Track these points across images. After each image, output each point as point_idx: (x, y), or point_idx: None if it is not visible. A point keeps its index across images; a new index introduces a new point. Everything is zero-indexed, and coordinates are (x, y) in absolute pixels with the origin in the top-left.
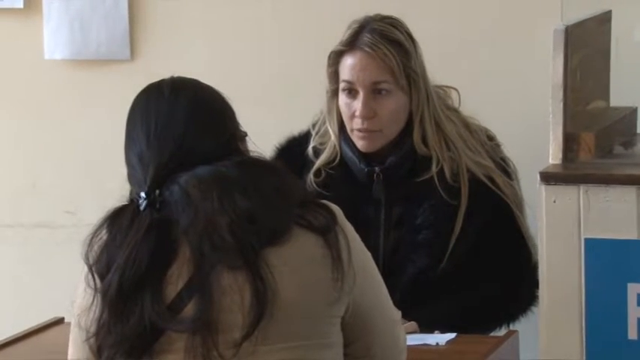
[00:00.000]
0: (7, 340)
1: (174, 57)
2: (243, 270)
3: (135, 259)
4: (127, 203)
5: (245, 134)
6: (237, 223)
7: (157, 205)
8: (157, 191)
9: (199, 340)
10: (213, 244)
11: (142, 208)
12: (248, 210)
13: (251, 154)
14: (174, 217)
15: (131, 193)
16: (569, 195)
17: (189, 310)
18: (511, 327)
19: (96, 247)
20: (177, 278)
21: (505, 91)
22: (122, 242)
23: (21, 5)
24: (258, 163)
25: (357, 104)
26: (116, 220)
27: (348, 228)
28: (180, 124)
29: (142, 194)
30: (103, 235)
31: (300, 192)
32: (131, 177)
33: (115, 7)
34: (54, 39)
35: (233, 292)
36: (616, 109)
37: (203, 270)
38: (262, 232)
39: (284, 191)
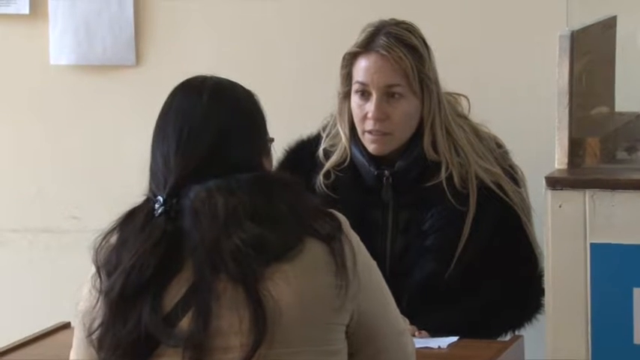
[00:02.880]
0: (12, 345)
1: (180, 62)
2: (243, 295)
3: (141, 266)
4: (141, 203)
5: (272, 140)
6: (242, 249)
7: (172, 214)
8: (175, 200)
9: (193, 355)
10: (214, 268)
11: (156, 213)
12: (256, 236)
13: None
14: (185, 231)
15: (150, 187)
16: (575, 200)
17: (184, 326)
18: (517, 332)
19: (105, 249)
20: (177, 292)
21: (511, 97)
22: (132, 245)
23: (27, 11)
24: (274, 179)
25: (370, 106)
26: (128, 221)
27: (354, 237)
28: (213, 135)
29: (160, 199)
30: (114, 236)
31: (313, 206)
32: (152, 170)
33: (121, 12)
34: (60, 44)
35: (231, 315)
36: (621, 114)
37: (201, 291)
38: (269, 253)
39: (298, 209)
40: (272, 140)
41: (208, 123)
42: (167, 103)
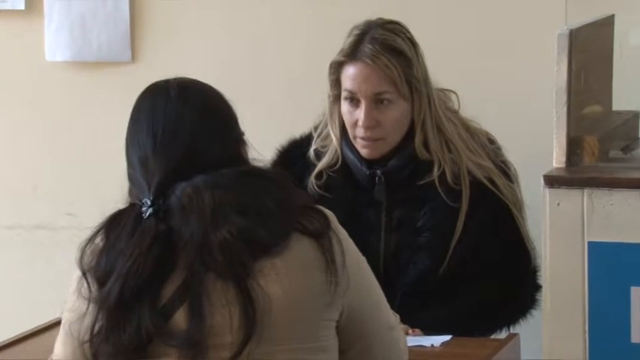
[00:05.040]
0: (8, 342)
1: (175, 59)
2: (233, 291)
3: (137, 270)
4: (125, 207)
5: (242, 133)
6: (230, 242)
7: (161, 215)
8: (161, 200)
9: (190, 355)
10: (204, 263)
11: (145, 216)
12: (243, 229)
13: (252, 158)
14: (175, 230)
15: (131, 194)
16: (573, 198)
17: (181, 325)
18: (512, 330)
19: (90, 253)
20: (171, 291)
21: (509, 95)
22: (124, 250)
23: (22, 7)
24: (260, 173)
25: (360, 113)
26: (114, 226)
27: (342, 233)
28: (188, 131)
29: (147, 201)
30: (99, 240)
31: (300, 200)
32: (132, 177)
33: (116, 9)
34: (55, 40)
35: (223, 311)
36: (619, 112)
37: (193, 289)
38: (257, 247)
39: (285, 203)
40: (242, 133)
41: (182, 121)
42: (135, 108)
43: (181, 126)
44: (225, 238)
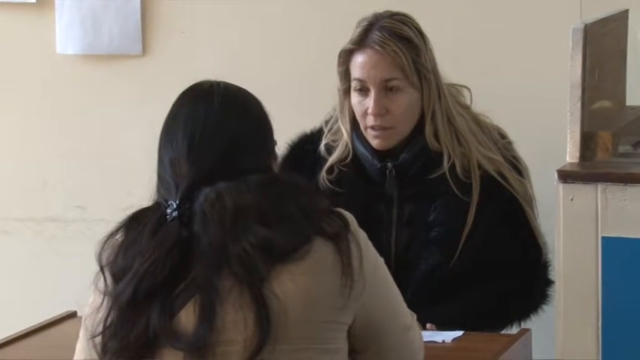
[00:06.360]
0: (18, 334)
1: (186, 52)
2: (248, 296)
3: (154, 271)
4: (150, 206)
5: (275, 142)
6: (249, 252)
7: (185, 219)
8: (187, 204)
9: (196, 357)
10: (220, 269)
11: (169, 218)
12: (264, 238)
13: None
14: (196, 236)
15: (158, 192)
16: (587, 193)
17: (190, 327)
18: (524, 326)
19: (110, 248)
20: (184, 295)
21: (522, 90)
22: (143, 250)
23: (34, 0)
24: (283, 180)
25: (369, 102)
26: (136, 224)
27: (362, 236)
28: (225, 142)
29: (172, 203)
30: (119, 236)
31: (321, 205)
32: (161, 176)
33: (127, 1)
34: (66, 33)
35: (236, 315)
36: (632, 108)
37: (206, 292)
38: (277, 255)
39: (308, 209)
40: (275, 143)
41: (220, 129)
42: (175, 107)
43: (219, 136)
44: (244, 249)
